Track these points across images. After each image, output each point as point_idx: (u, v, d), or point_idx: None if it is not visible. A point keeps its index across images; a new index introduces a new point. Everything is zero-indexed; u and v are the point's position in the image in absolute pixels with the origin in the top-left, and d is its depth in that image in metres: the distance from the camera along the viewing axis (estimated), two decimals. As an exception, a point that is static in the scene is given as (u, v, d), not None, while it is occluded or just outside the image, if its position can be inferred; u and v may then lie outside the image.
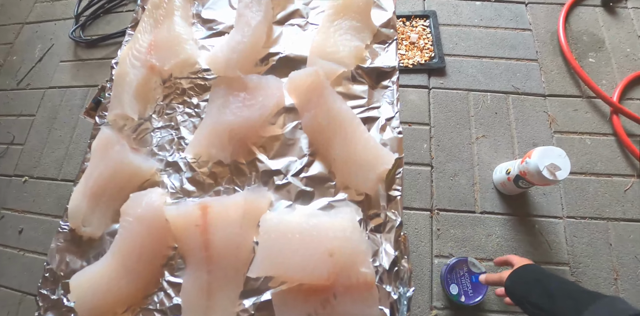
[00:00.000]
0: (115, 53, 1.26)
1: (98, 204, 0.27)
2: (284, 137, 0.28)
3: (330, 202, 0.26)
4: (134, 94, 0.29)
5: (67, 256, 0.28)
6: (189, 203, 0.26)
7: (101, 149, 0.28)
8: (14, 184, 1.10)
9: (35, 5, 1.46)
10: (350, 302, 0.22)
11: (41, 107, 1.19)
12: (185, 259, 0.25)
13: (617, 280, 0.78)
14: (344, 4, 0.30)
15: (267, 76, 0.28)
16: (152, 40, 0.31)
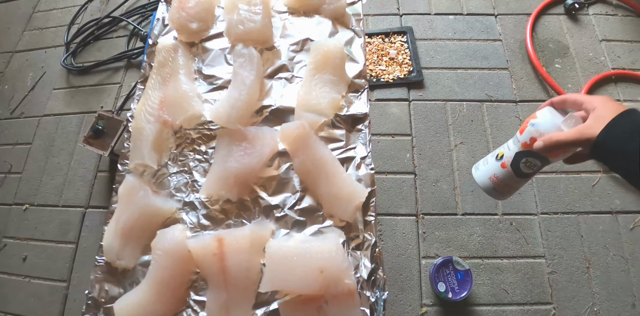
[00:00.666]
0: (109, 79, 1.28)
1: (129, 241, 0.33)
2: (280, 177, 0.34)
3: (320, 228, 0.33)
4: (151, 146, 0.35)
5: (105, 285, 0.33)
6: (206, 236, 0.32)
7: (127, 194, 0.33)
8: (14, 213, 1.11)
9: (24, 34, 1.47)
10: (337, 307, 0.28)
11: (37, 136, 1.21)
12: (207, 282, 0.31)
13: (589, 268, 0.86)
14: (322, 60, 0.37)
15: (262, 127, 0.35)
16: (162, 97, 0.36)
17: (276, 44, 0.40)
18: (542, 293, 0.84)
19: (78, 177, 1.12)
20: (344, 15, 0.40)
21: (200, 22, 0.41)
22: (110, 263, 0.33)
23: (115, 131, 0.99)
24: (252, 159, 0.33)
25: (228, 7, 0.40)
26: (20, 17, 1.53)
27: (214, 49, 0.41)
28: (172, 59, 0.39)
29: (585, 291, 0.83)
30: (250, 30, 0.38)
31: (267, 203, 0.34)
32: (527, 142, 0.41)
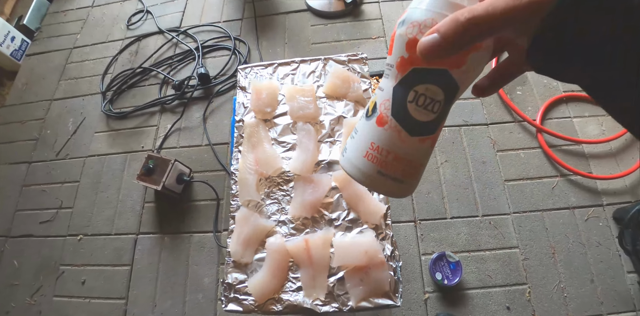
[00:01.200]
0: (146, 122, 1.47)
1: (247, 246, 0.54)
2: (334, 202, 0.57)
3: (361, 229, 0.56)
4: (254, 188, 0.57)
5: (234, 274, 0.55)
6: (297, 239, 0.54)
7: (243, 218, 0.56)
8: (69, 243, 1.26)
9: (60, 83, 1.67)
10: (375, 272, 0.51)
11: (84, 174, 1.39)
12: (298, 265, 0.53)
13: (555, 254, 1.08)
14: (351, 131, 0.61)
15: (322, 174, 0.58)
16: (255, 157, 0.59)
17: (321, 119, 0.64)
18: (518, 276, 1.06)
19: (127, 208, 1.30)
20: (363, 99, 0.65)
21: (270, 107, 0.65)
22: (235, 261, 0.55)
23: (163, 168, 1.19)
24: (318, 193, 0.56)
25: (289, 96, 0.65)
26: (54, 69, 1.75)
27: (282, 124, 0.64)
28: (256, 132, 0.62)
29: (553, 272, 1.05)
30: (306, 113, 0.62)
31: (329, 217, 0.57)
32: (405, 55, 0.21)
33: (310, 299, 0.51)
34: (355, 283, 0.50)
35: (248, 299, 0.51)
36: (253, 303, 0.51)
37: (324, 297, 0.51)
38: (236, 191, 0.58)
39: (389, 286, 0.51)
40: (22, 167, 1.47)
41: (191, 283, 1.13)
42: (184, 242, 1.19)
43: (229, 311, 0.51)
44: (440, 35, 0.18)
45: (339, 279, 0.52)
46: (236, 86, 0.70)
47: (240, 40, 1.60)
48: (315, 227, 0.56)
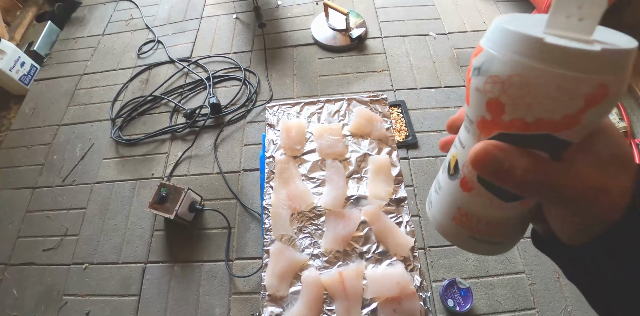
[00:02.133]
0: (156, 149, 1.49)
1: (283, 280, 0.57)
2: (365, 236, 0.61)
3: (390, 262, 0.59)
4: (288, 223, 0.61)
5: (270, 308, 0.57)
6: (331, 271, 0.57)
7: (277, 253, 0.58)
8: (73, 272, 1.23)
9: (68, 109, 1.70)
10: (407, 302, 0.54)
11: (91, 201, 1.38)
12: (333, 298, 0.55)
13: (559, 278, 1.12)
14: (378, 168, 0.66)
15: (352, 209, 0.62)
16: (288, 193, 0.63)
17: (347, 156, 0.69)
18: (526, 301, 1.08)
19: (136, 236, 1.29)
20: (386, 137, 0.71)
21: (300, 144, 0.70)
22: (271, 294, 0.57)
23: (176, 196, 1.21)
24: (350, 227, 0.60)
25: (317, 135, 0.70)
26: (63, 94, 1.78)
27: (311, 160, 0.69)
28: (287, 168, 0.66)
29: (559, 296, 1.09)
30: (335, 151, 0.67)
31: (360, 250, 0.60)
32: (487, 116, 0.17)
33: (347, 333, 0.53)
34: (388, 314, 0.53)
35: (286, 333, 0.53)
36: (291, 338, 0.53)
37: (360, 331, 0.53)
38: (269, 225, 0.62)
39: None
40: (26, 192, 1.46)
41: (202, 313, 1.11)
42: (194, 271, 1.19)
43: (267, 347, 0.52)
44: (511, 169, 0.16)
45: (372, 310, 0.55)
46: (265, 123, 0.76)
47: (250, 71, 1.68)
48: (347, 260, 0.59)
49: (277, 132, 0.73)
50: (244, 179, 1.35)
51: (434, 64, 1.64)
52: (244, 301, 1.12)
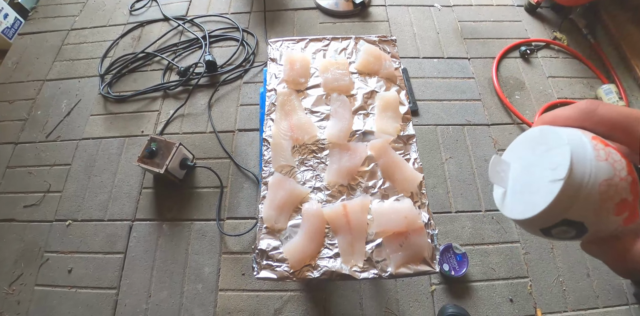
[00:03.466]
0: (147, 107, 1.42)
1: (282, 212, 0.52)
2: (370, 171, 0.57)
3: (397, 197, 0.55)
4: (290, 153, 0.56)
5: (267, 240, 0.53)
6: (334, 205, 0.53)
7: (277, 183, 0.54)
8: (56, 229, 1.17)
9: (54, 64, 1.60)
10: (414, 237, 0.50)
11: (76, 157, 1.31)
12: (335, 232, 0.52)
13: (553, 249, 1.11)
14: (386, 104, 0.61)
15: (358, 142, 0.58)
16: (290, 124, 0.58)
17: (353, 92, 0.64)
18: (520, 270, 1.08)
19: (123, 193, 1.23)
20: (394, 76, 0.66)
21: (304, 77, 0.64)
22: (269, 226, 0.53)
23: (167, 151, 1.15)
24: (355, 160, 0.55)
25: (322, 69, 0.64)
26: (48, 49, 1.67)
27: (315, 95, 0.64)
28: (289, 100, 0.61)
29: (552, 266, 1.08)
30: (341, 85, 0.62)
31: (366, 185, 0.56)
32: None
33: (349, 265, 0.49)
34: (394, 249, 0.49)
35: (282, 266, 0.49)
36: (288, 270, 0.49)
37: (362, 264, 0.50)
38: (269, 157, 0.57)
39: (427, 253, 0.51)
40: (7, 148, 1.38)
41: (190, 272, 1.08)
42: (184, 230, 1.14)
43: (261, 279, 0.48)
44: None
45: (377, 245, 0.51)
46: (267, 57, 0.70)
47: (248, 32, 1.60)
48: (351, 194, 0.55)
49: (280, 66, 0.67)
50: (239, 139, 1.30)
51: (437, 35, 1.59)
52: (234, 260, 1.08)
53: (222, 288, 1.04)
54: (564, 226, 0.19)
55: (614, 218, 0.18)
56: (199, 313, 1.01)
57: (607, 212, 0.18)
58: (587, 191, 0.17)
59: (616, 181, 0.18)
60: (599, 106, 0.20)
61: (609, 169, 0.18)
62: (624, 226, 0.19)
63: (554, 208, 0.18)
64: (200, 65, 1.43)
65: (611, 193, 0.18)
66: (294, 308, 1.00)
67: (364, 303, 1.00)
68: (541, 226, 0.19)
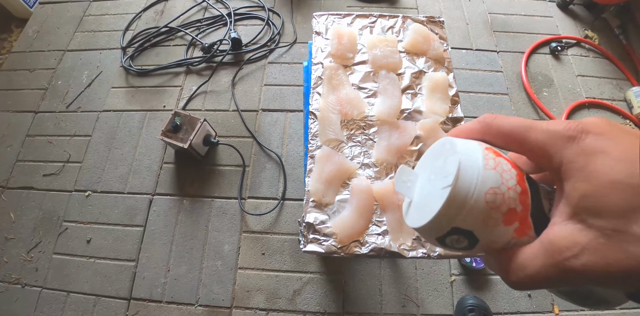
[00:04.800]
0: (170, 82, 1.40)
1: (330, 186, 0.51)
2: (419, 151, 0.56)
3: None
4: (339, 127, 0.55)
5: (313, 214, 0.52)
6: (385, 181, 0.52)
7: (325, 157, 0.52)
8: (75, 199, 1.17)
9: (75, 35, 1.58)
10: None
11: (97, 129, 1.30)
12: (384, 209, 0.51)
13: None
14: (435, 85, 0.59)
15: (407, 121, 0.56)
16: (338, 98, 0.57)
17: (401, 71, 0.62)
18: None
19: (143, 167, 1.23)
20: (442, 57, 0.64)
21: (351, 52, 0.63)
22: (316, 200, 0.52)
23: (191, 126, 1.14)
24: (405, 139, 0.54)
25: (370, 45, 0.62)
26: (70, 19, 1.65)
27: (363, 71, 0.62)
28: (336, 74, 0.60)
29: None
30: (389, 63, 0.60)
31: (414, 164, 0.55)
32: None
33: (397, 243, 0.49)
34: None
35: (329, 240, 0.49)
36: (335, 245, 0.48)
37: (411, 242, 0.49)
38: (316, 130, 0.56)
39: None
40: (27, 116, 1.37)
41: (210, 249, 1.08)
42: (204, 206, 1.14)
43: (307, 252, 0.48)
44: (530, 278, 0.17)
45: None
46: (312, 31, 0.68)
47: (274, 11, 1.57)
48: (400, 173, 0.54)
49: (326, 40, 0.65)
50: (262, 119, 1.28)
51: (466, 26, 1.55)
52: (255, 239, 1.09)
53: (242, 267, 1.05)
54: (455, 234, 0.19)
55: (504, 229, 0.18)
56: (218, 290, 1.02)
57: (494, 221, 0.18)
58: (474, 199, 0.17)
59: (503, 190, 0.18)
60: (495, 119, 0.20)
61: (497, 178, 0.18)
62: (517, 239, 0.18)
63: (442, 215, 0.18)
64: (225, 42, 1.40)
65: (498, 201, 0.18)
66: (313, 290, 1.01)
67: (383, 289, 1.01)
68: (435, 234, 0.20)
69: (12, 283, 1.09)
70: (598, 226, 0.15)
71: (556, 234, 0.17)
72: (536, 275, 0.17)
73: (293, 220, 1.10)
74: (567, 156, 0.17)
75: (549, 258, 0.16)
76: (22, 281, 1.10)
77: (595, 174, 0.16)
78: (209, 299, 1.01)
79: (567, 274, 0.16)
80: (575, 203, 0.16)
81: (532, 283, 0.17)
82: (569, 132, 0.17)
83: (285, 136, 1.24)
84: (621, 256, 0.15)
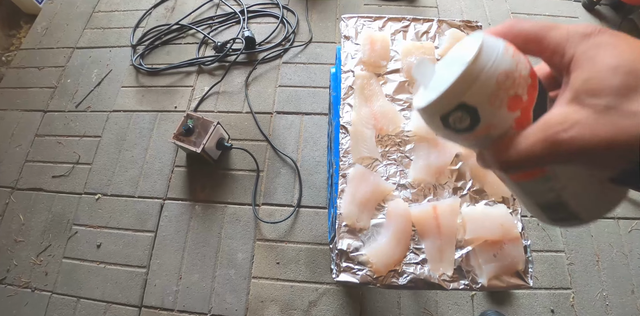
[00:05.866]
0: (181, 81, 1.36)
1: (364, 209, 0.47)
2: (459, 171, 0.51)
3: (487, 202, 0.50)
4: (374, 144, 0.50)
5: (347, 240, 0.48)
6: (423, 205, 0.48)
7: (359, 177, 0.48)
8: (85, 202, 1.15)
9: (84, 31, 1.54)
10: (510, 247, 0.45)
11: (107, 129, 1.27)
12: (422, 235, 0.47)
13: (599, 261, 1.06)
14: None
15: (448, 137, 0.52)
16: (373, 111, 0.53)
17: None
18: (563, 280, 1.03)
19: (154, 170, 1.19)
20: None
21: (385, 60, 0.58)
22: (349, 225, 0.48)
23: (204, 130, 1.10)
24: (445, 157, 0.49)
25: (405, 52, 0.57)
26: (79, 16, 1.61)
27: (397, 80, 0.57)
28: (369, 84, 0.55)
29: (596, 280, 1.03)
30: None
31: (454, 185, 0.51)
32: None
33: (437, 274, 0.45)
34: (487, 259, 0.44)
35: (364, 270, 0.45)
36: (371, 275, 0.44)
37: (452, 272, 0.45)
38: (348, 146, 0.51)
39: (522, 265, 0.46)
40: (36, 115, 1.35)
41: (223, 256, 1.05)
42: (217, 212, 1.11)
43: (341, 283, 0.44)
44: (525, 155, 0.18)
45: (467, 253, 0.46)
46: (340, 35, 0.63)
47: (288, 9, 1.51)
48: (438, 195, 0.50)
49: (356, 46, 0.60)
50: (277, 121, 1.24)
51: (489, 26, 1.49)
52: (269, 248, 1.05)
53: (256, 276, 1.02)
54: (460, 111, 0.20)
55: (506, 114, 0.19)
56: (231, 299, 0.99)
57: (500, 102, 0.19)
58: (487, 76, 0.18)
59: (515, 76, 0.19)
60: (519, 21, 0.21)
61: (513, 64, 0.19)
62: (515, 131, 0.19)
63: (454, 88, 0.19)
64: (238, 41, 1.36)
65: (508, 84, 0.18)
66: (330, 302, 0.97)
67: (402, 302, 0.97)
68: (441, 111, 0.20)
69: (22, 287, 1.07)
70: (592, 104, 0.16)
71: (552, 114, 0.17)
72: (526, 151, 0.18)
73: (309, 228, 1.07)
74: (580, 49, 0.17)
75: (540, 134, 0.17)
76: (32, 285, 1.08)
77: (601, 61, 0.16)
78: (222, 309, 0.98)
79: (555, 147, 0.17)
80: (576, 87, 0.17)
81: (521, 160, 0.18)
82: (587, 30, 0.17)
83: (301, 140, 1.20)
84: (608, 128, 0.15)
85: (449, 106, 0.20)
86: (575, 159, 0.17)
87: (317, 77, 1.32)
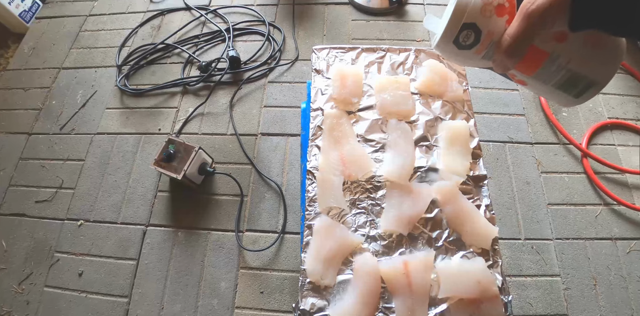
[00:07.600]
0: (165, 103, 1.34)
1: (330, 265, 0.44)
2: (434, 219, 0.48)
3: (465, 253, 0.47)
4: (341, 193, 0.47)
5: (310, 299, 0.45)
6: (393, 259, 0.45)
7: (325, 230, 0.45)
8: (67, 228, 1.12)
9: (71, 51, 1.52)
10: (487, 307, 0.42)
11: (90, 153, 1.24)
12: (393, 292, 0.44)
13: (596, 285, 1.02)
14: (454, 136, 0.52)
15: (422, 184, 0.49)
16: (342, 155, 0.50)
17: (414, 118, 0.55)
18: (559, 306, 0.99)
19: (137, 195, 1.17)
20: (462, 100, 0.56)
21: (357, 97, 0.55)
22: (313, 282, 0.45)
23: (185, 155, 1.07)
24: (419, 206, 0.47)
25: (379, 88, 0.55)
26: (66, 35, 1.60)
27: (369, 118, 0.55)
28: (339, 124, 0.52)
29: (594, 305, 0.99)
30: (401, 110, 0.52)
31: (429, 236, 0.48)
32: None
33: (407, 336, 0.41)
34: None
35: (328, 330, 0.42)
36: (336, 337, 0.41)
37: (423, 335, 0.42)
38: (314, 194, 0.48)
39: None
40: (20, 138, 1.33)
41: (206, 286, 1.02)
42: (200, 239, 1.08)
43: (303, 345, 0.41)
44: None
45: (441, 312, 0.43)
46: (311, 68, 0.60)
47: (275, 26, 1.50)
48: (412, 247, 0.47)
49: (327, 80, 0.58)
50: (262, 144, 1.22)
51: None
52: (253, 277, 1.02)
53: (239, 306, 0.98)
54: (465, 30, 0.28)
55: (498, 19, 0.27)
56: (213, 332, 0.96)
57: (489, 12, 0.27)
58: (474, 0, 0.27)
59: None
60: None
61: None
62: None
63: (454, 17, 0.28)
64: (223, 61, 1.34)
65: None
66: (314, 336, 0.94)
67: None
68: (451, 37, 0.29)
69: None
70: None
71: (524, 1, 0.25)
72: (515, 32, 0.25)
73: (293, 256, 1.04)
74: None
75: (519, 15, 0.25)
76: (13, 315, 1.05)
77: None
78: (204, 341, 0.95)
79: (531, 18, 0.24)
80: None
81: (517, 38, 0.26)
82: None
83: (286, 164, 1.17)
84: None
85: (455, 30, 0.28)
86: (546, 21, 0.23)
87: (303, 96, 1.30)
